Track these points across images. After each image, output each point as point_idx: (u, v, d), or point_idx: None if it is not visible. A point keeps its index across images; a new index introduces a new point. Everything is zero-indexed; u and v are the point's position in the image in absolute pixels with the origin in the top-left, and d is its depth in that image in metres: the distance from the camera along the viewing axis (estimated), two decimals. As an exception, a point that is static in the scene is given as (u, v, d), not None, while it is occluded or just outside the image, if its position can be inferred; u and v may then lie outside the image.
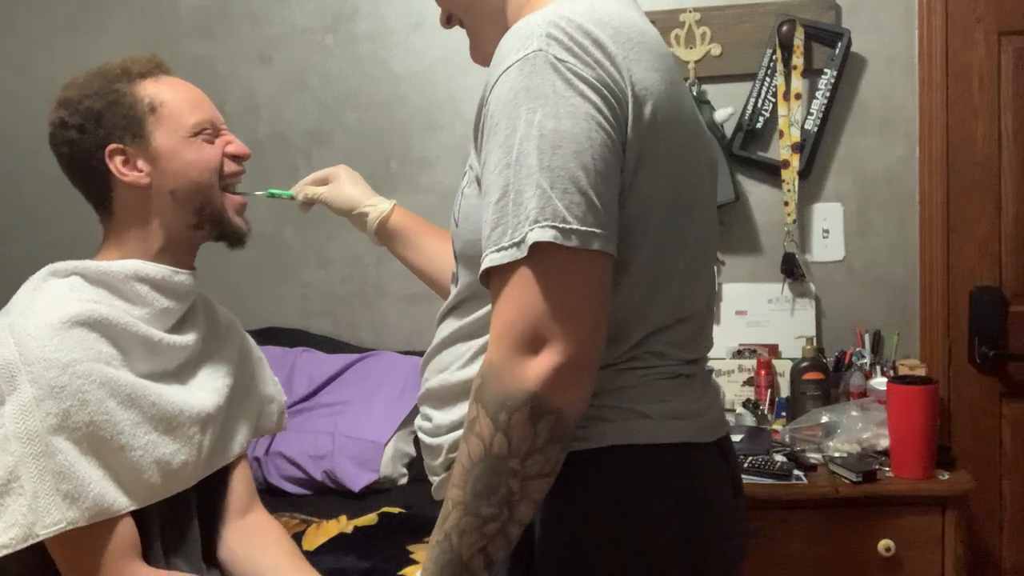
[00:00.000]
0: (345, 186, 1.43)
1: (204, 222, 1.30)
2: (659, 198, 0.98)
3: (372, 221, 1.41)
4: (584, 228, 0.88)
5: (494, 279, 0.92)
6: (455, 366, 1.08)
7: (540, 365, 0.87)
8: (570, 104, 0.90)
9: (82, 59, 2.54)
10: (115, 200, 1.28)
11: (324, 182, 1.45)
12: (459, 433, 1.00)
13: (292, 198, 1.44)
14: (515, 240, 0.89)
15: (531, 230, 0.88)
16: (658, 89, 0.96)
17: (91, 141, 1.24)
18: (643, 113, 0.94)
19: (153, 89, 1.27)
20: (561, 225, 0.87)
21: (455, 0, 1.15)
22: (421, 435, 1.17)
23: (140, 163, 1.25)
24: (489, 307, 0.96)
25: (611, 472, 0.99)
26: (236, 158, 1.33)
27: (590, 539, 0.98)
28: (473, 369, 1.03)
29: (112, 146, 1.24)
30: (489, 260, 0.91)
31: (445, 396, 1.10)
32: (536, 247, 0.88)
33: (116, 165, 1.25)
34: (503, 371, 0.89)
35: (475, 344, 1.06)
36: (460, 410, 1.06)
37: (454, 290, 1.11)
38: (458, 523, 0.91)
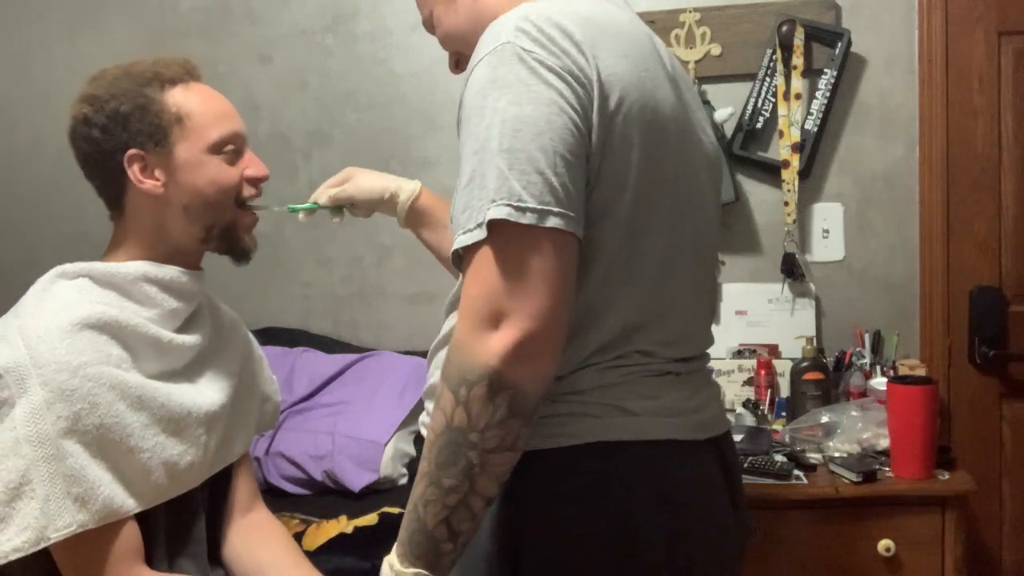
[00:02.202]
0: (365, 179, 1.42)
1: (212, 238, 1.30)
2: (627, 181, 0.99)
3: (404, 202, 1.40)
4: (540, 206, 0.91)
5: (464, 261, 0.95)
6: None
7: (498, 340, 0.90)
8: (533, 91, 0.93)
9: (82, 60, 2.57)
10: (128, 203, 1.27)
11: (341, 184, 1.43)
12: None
13: (313, 210, 1.42)
14: (479, 221, 0.92)
15: (488, 209, 0.91)
16: (627, 76, 0.99)
17: (112, 143, 1.23)
18: (609, 98, 0.97)
19: (182, 98, 1.26)
20: (516, 203, 0.90)
21: (456, 40, 1.19)
22: (422, 429, 1.17)
23: (158, 172, 1.24)
24: None
25: (596, 467, 1.00)
26: (254, 181, 1.32)
27: (578, 531, 0.99)
28: None
29: (132, 151, 1.23)
30: (458, 242, 0.94)
31: None
32: (493, 225, 0.91)
33: (134, 171, 1.24)
34: (464, 347, 0.92)
35: None
36: None
37: (455, 287, 1.12)
38: (423, 493, 0.95)
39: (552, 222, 0.91)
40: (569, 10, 0.99)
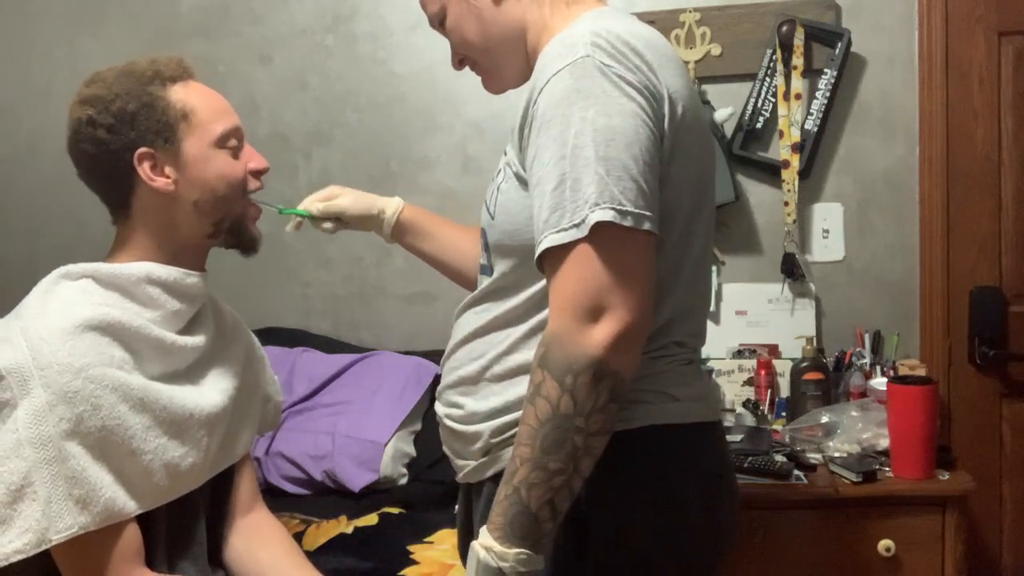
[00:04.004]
0: (352, 195, 1.47)
1: (220, 232, 1.30)
2: (686, 187, 1.11)
3: (391, 216, 1.46)
4: (637, 210, 1.00)
5: (550, 259, 1.02)
6: (493, 353, 1.16)
7: (602, 332, 0.98)
8: (618, 103, 1.02)
9: (81, 60, 2.57)
10: (135, 203, 1.27)
11: (328, 199, 1.46)
12: (500, 420, 1.13)
13: (304, 216, 1.44)
14: (575, 222, 0.99)
15: (592, 212, 0.98)
16: (684, 93, 1.10)
17: (121, 143, 1.23)
18: (676, 112, 1.07)
19: (183, 94, 1.26)
20: (618, 207, 0.99)
21: (475, 45, 1.24)
22: (450, 423, 1.22)
23: (168, 169, 1.24)
24: (527, 294, 1.12)
25: (652, 448, 1.11)
26: (257, 173, 1.33)
27: (638, 506, 1.10)
28: (518, 355, 1.13)
29: (142, 150, 1.23)
30: (549, 241, 1.01)
31: (484, 382, 1.16)
32: (596, 227, 0.98)
33: (145, 170, 1.23)
34: (567, 338, 0.99)
35: (516, 331, 1.14)
36: (502, 396, 1.14)
37: (486, 280, 1.18)
38: (527, 477, 1.00)
39: (647, 225, 1.00)
40: (630, 29, 1.08)
